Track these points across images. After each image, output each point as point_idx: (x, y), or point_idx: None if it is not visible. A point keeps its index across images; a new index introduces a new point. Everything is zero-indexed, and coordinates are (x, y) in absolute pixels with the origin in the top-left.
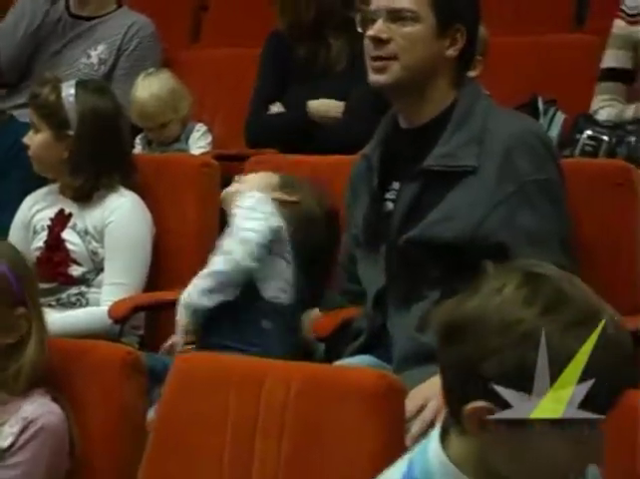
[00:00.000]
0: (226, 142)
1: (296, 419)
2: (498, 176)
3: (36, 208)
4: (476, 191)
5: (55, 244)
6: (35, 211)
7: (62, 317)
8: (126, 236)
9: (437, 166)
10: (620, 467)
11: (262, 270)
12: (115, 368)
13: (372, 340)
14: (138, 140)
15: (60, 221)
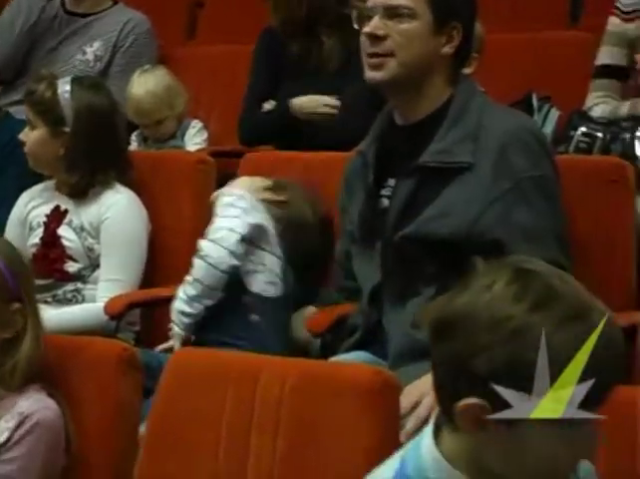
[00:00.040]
0: (222, 138)
1: (291, 415)
2: (494, 172)
3: (32, 204)
4: (471, 187)
5: (51, 241)
6: (31, 207)
7: (58, 314)
8: (121, 232)
9: (432, 162)
10: (620, 467)
11: (247, 265)
12: (111, 365)
13: (367, 337)
14: (133, 136)
15: (56, 217)
